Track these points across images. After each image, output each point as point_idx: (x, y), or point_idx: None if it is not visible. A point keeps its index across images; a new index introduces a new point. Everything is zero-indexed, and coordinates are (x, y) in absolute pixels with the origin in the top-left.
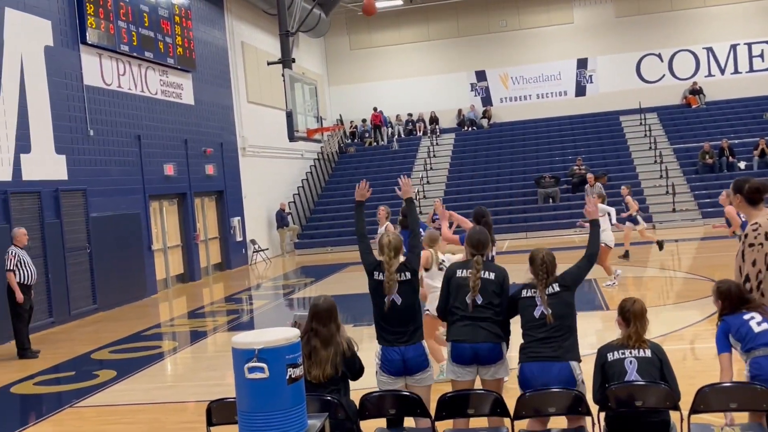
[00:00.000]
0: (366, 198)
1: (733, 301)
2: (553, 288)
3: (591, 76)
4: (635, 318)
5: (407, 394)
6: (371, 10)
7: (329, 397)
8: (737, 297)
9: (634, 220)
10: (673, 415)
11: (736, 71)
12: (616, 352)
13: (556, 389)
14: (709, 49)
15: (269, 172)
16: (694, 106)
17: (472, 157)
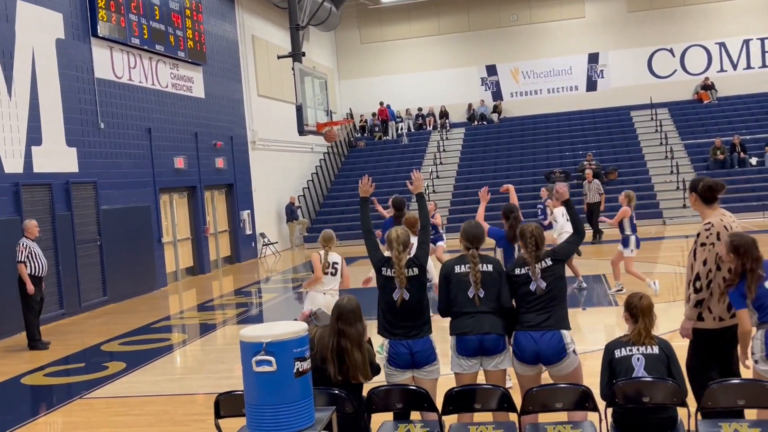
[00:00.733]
0: (370, 193)
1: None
2: (546, 262)
3: (602, 71)
4: (642, 314)
5: (414, 388)
6: (332, 137)
7: (337, 391)
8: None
9: (625, 242)
10: (681, 412)
11: (749, 66)
12: (624, 349)
13: (563, 385)
14: (722, 45)
15: (279, 165)
16: (706, 102)
17: (482, 152)
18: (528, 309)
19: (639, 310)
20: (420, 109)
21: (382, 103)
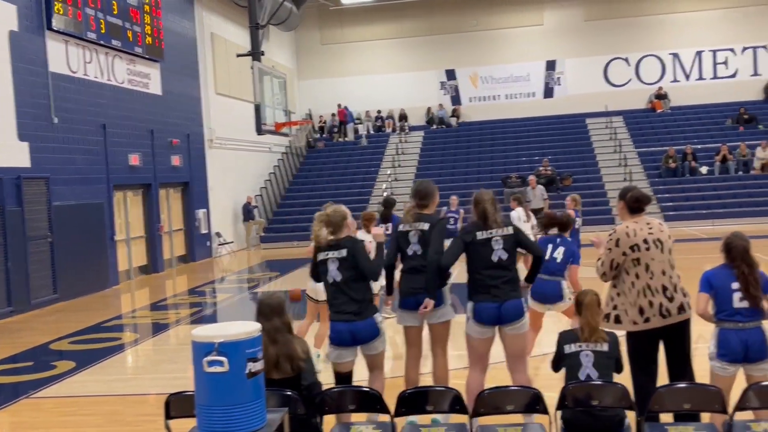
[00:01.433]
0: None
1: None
2: (507, 230)
3: (559, 78)
4: (586, 309)
5: (367, 389)
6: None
7: (289, 392)
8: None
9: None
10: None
11: (701, 77)
12: (574, 345)
13: (515, 387)
14: (675, 55)
15: (236, 164)
16: (659, 111)
17: (441, 156)
18: (488, 278)
19: (584, 306)
20: (379, 111)
21: (340, 105)
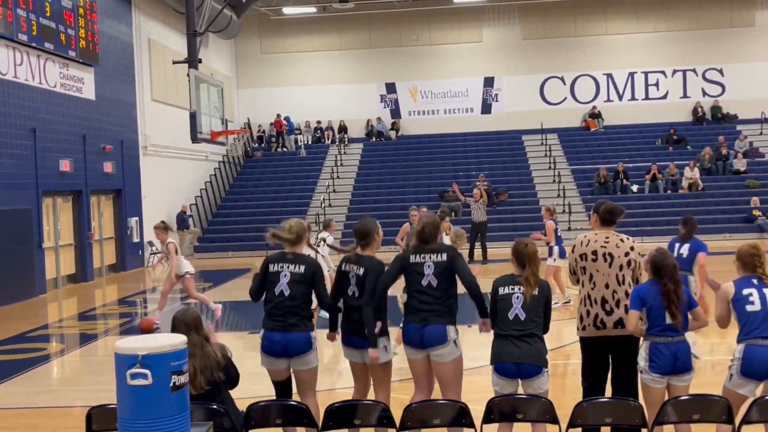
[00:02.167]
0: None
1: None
2: (440, 256)
3: (497, 95)
4: (529, 260)
5: (294, 403)
6: (149, 326)
7: (215, 406)
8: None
9: (549, 252)
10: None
11: (633, 98)
12: (507, 288)
13: (441, 401)
14: (609, 76)
15: (171, 172)
16: (593, 130)
17: (379, 168)
18: (418, 300)
19: (525, 256)
20: (319, 122)
21: (279, 115)
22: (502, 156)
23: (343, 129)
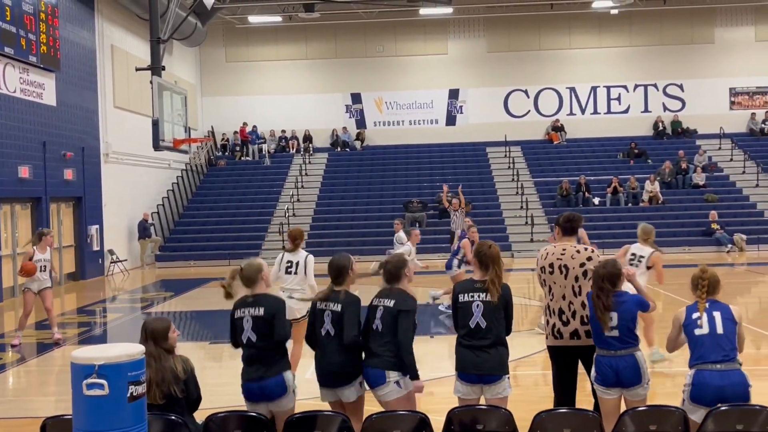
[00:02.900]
0: None
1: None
2: (388, 301)
3: (461, 107)
4: (492, 262)
5: (253, 414)
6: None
7: (173, 417)
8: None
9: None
10: None
11: (596, 112)
12: (467, 295)
13: (402, 412)
14: (572, 89)
15: (133, 180)
16: (556, 143)
17: (344, 178)
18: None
19: (488, 258)
20: (283, 131)
21: (246, 123)
22: (466, 167)
23: (308, 138)
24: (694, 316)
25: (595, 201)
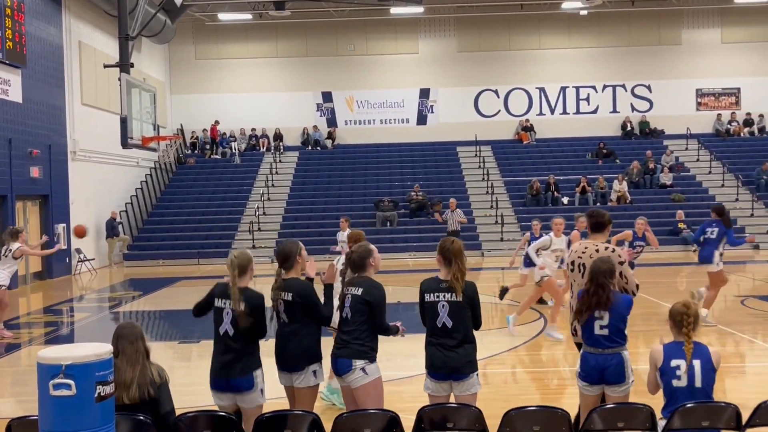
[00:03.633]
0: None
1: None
2: (356, 290)
3: (432, 107)
4: (455, 257)
5: (223, 414)
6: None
7: (141, 417)
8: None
9: None
10: None
11: (565, 112)
12: (432, 295)
13: (372, 411)
14: (542, 90)
15: (101, 178)
16: (526, 142)
17: (315, 177)
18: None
19: (451, 253)
20: (254, 129)
21: (218, 121)
22: (437, 167)
23: (278, 137)
24: (673, 363)
25: (564, 200)
